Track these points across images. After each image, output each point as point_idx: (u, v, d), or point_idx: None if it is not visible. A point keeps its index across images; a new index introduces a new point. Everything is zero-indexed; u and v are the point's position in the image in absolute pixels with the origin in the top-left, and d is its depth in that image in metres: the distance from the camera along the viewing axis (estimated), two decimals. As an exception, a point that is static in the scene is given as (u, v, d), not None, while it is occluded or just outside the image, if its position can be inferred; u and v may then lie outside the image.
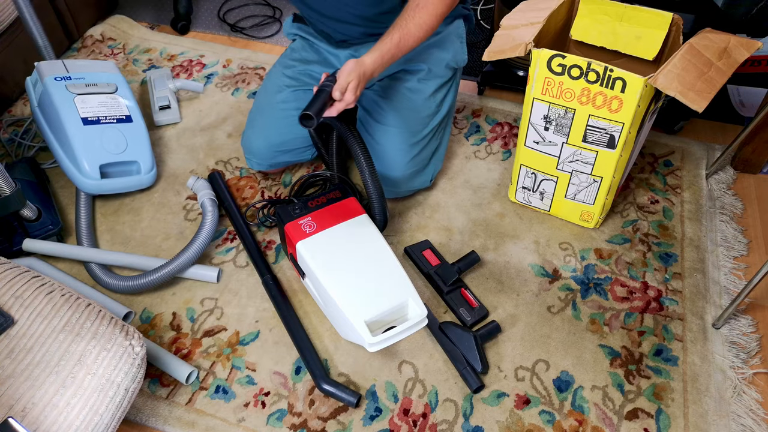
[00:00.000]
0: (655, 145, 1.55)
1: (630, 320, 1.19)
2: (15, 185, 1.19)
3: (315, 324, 1.18)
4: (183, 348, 1.15)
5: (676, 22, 1.17)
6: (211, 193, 1.34)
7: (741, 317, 1.19)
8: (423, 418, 1.05)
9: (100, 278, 1.23)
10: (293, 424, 1.04)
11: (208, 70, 1.79)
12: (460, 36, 1.36)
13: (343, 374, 1.11)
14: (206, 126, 1.61)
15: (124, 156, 1.36)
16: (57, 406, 0.84)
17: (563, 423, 1.05)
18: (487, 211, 1.39)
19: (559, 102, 1.15)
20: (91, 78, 1.44)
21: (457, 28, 1.35)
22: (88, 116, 1.36)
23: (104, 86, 1.44)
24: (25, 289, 0.93)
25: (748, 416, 1.05)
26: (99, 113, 1.38)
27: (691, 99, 1.00)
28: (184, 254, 1.21)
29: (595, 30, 1.23)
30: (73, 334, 0.89)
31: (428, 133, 1.34)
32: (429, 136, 1.34)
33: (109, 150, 1.34)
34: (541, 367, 1.12)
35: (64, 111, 1.34)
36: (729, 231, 1.35)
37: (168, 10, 2.04)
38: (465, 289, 1.21)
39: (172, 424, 1.05)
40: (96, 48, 1.87)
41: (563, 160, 1.24)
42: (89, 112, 1.37)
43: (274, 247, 1.32)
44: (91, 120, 1.36)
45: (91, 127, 1.35)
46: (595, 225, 1.34)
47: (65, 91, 1.37)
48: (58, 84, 1.38)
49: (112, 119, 1.38)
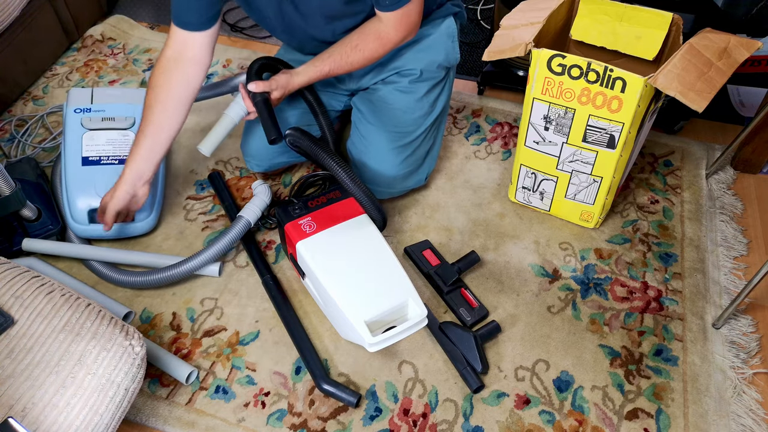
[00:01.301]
0: (655, 145, 1.55)
1: (630, 320, 1.19)
2: (15, 185, 1.19)
3: (315, 324, 1.18)
4: (183, 348, 1.15)
5: (676, 22, 1.17)
6: (261, 203, 1.30)
7: (741, 317, 1.19)
8: (423, 418, 1.05)
9: (117, 277, 1.23)
10: (293, 424, 1.04)
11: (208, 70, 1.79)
12: (451, 35, 1.33)
13: (343, 374, 1.11)
14: (206, 126, 1.61)
15: None
16: (57, 406, 0.84)
17: (563, 423, 1.05)
18: (487, 211, 1.39)
19: (559, 102, 1.15)
20: (111, 111, 1.37)
21: (448, 28, 1.32)
22: (90, 155, 1.31)
23: (121, 120, 1.36)
24: (25, 289, 0.93)
25: (748, 416, 1.05)
26: (102, 152, 1.31)
27: (691, 99, 1.00)
28: (208, 250, 1.21)
29: (595, 30, 1.23)
30: (73, 334, 0.89)
31: (422, 134, 1.33)
32: (423, 136, 1.33)
33: (100, 194, 1.24)
34: (541, 367, 1.12)
35: (69, 148, 1.31)
36: (729, 231, 1.35)
37: (168, 10, 2.04)
38: (465, 289, 1.21)
39: (172, 424, 1.05)
40: (96, 48, 1.87)
41: (563, 160, 1.24)
42: (92, 151, 1.31)
43: (274, 247, 1.32)
44: (92, 160, 1.30)
45: (90, 168, 1.29)
46: (595, 225, 1.34)
47: (78, 125, 1.33)
48: (75, 117, 1.34)
49: (114, 160, 1.31)
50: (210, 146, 1.25)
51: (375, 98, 1.33)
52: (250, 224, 1.25)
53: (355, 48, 1.18)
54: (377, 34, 1.17)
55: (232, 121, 1.25)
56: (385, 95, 1.32)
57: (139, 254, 1.27)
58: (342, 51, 1.19)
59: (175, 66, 1.19)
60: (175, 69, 1.19)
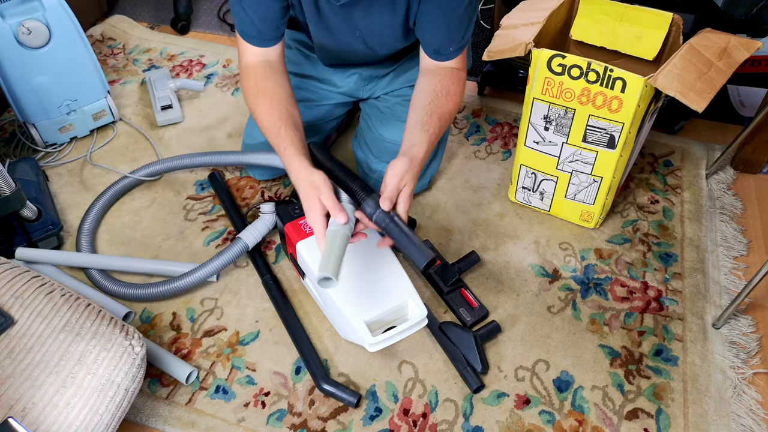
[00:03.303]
0: (655, 145, 1.55)
1: (630, 320, 1.19)
2: (15, 185, 1.19)
3: (315, 324, 1.18)
4: (183, 348, 1.15)
5: (676, 22, 1.17)
6: (264, 228, 1.27)
7: (741, 317, 1.19)
8: (423, 418, 1.05)
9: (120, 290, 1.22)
10: (293, 424, 1.04)
11: (208, 70, 1.79)
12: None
13: (343, 374, 1.11)
14: (206, 126, 1.61)
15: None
16: (57, 406, 0.84)
17: (563, 423, 1.05)
18: (487, 211, 1.39)
19: (559, 102, 1.15)
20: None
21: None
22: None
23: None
24: (25, 289, 0.93)
25: (748, 416, 1.05)
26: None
27: (691, 99, 1.00)
28: (216, 260, 1.20)
29: (595, 30, 1.23)
30: (73, 334, 0.89)
31: None
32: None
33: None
34: (541, 367, 1.12)
35: None
36: (729, 231, 1.35)
37: (168, 10, 2.04)
38: (465, 289, 1.21)
39: (172, 424, 1.05)
40: (96, 48, 1.87)
41: (563, 160, 1.24)
42: None
43: (274, 247, 1.32)
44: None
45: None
46: (595, 225, 1.34)
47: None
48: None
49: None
50: (336, 270, 0.90)
51: (384, 107, 1.33)
52: (248, 248, 1.24)
53: (447, 94, 1.06)
54: (455, 75, 1.10)
55: (346, 237, 0.93)
56: (392, 106, 1.32)
57: (136, 261, 1.25)
58: (437, 103, 1.04)
59: (270, 68, 1.11)
60: (272, 70, 1.11)
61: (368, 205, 0.93)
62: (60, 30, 1.40)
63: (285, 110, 1.05)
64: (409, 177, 0.93)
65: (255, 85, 1.08)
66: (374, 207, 0.92)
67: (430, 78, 1.09)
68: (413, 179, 0.94)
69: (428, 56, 1.11)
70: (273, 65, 1.11)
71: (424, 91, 1.07)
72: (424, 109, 1.03)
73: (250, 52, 1.11)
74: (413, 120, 1.03)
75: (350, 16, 1.08)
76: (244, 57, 1.12)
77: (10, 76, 1.38)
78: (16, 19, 1.34)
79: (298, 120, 1.07)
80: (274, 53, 1.11)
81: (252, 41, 1.09)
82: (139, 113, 1.65)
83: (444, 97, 1.05)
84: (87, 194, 1.42)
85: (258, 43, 1.09)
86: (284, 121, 1.04)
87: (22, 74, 1.39)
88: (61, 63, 1.43)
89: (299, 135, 1.04)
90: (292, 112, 1.06)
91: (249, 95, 1.09)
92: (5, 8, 1.35)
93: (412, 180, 0.93)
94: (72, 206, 1.40)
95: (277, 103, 1.06)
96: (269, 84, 1.08)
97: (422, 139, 0.99)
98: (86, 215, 1.33)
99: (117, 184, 1.40)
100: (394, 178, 0.92)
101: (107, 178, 1.45)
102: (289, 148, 1.00)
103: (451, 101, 1.06)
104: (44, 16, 1.37)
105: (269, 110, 1.05)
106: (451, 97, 1.06)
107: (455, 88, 1.08)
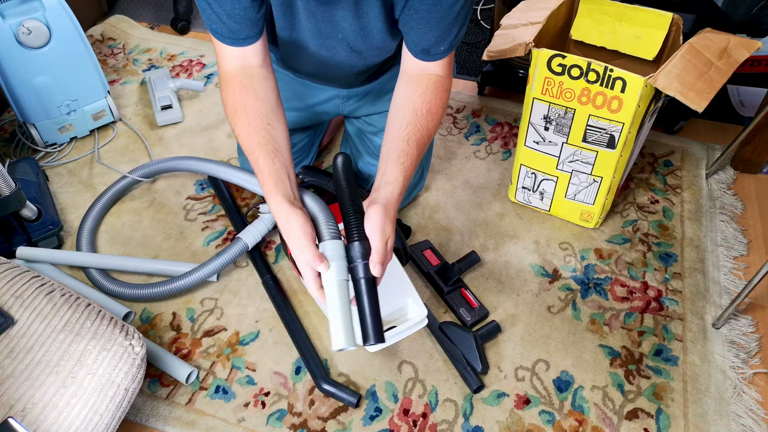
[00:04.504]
0: (655, 145, 1.55)
1: (630, 320, 1.19)
2: (15, 185, 1.19)
3: (315, 324, 1.18)
4: (183, 348, 1.15)
5: (676, 22, 1.17)
6: (264, 228, 1.26)
7: (741, 317, 1.19)
8: (423, 418, 1.05)
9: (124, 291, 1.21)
10: (293, 424, 1.04)
11: (208, 70, 1.79)
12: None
13: (343, 374, 1.11)
14: (206, 126, 1.61)
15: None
16: (57, 406, 0.84)
17: (563, 423, 1.05)
18: (487, 211, 1.39)
19: (559, 102, 1.15)
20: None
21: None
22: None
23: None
24: (25, 289, 0.93)
25: (748, 416, 1.05)
26: None
27: (691, 99, 1.00)
28: (217, 259, 1.20)
29: (595, 30, 1.23)
30: (73, 334, 0.90)
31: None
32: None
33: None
34: (541, 367, 1.12)
35: None
36: (729, 231, 1.35)
37: (168, 10, 2.04)
38: (465, 289, 1.21)
39: (172, 424, 1.05)
40: (96, 48, 1.87)
41: (563, 160, 1.24)
42: None
43: (274, 247, 1.32)
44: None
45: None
46: (595, 225, 1.34)
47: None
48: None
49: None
50: (350, 337, 0.84)
51: (366, 129, 1.32)
52: (248, 248, 1.23)
53: (428, 114, 0.96)
54: (439, 86, 0.98)
55: (344, 286, 0.86)
56: (376, 131, 1.30)
57: (136, 261, 1.26)
58: (417, 126, 0.95)
59: (250, 76, 0.98)
60: (252, 78, 0.98)
61: (354, 249, 0.84)
62: (60, 30, 1.41)
63: (264, 133, 0.94)
64: (390, 228, 0.86)
65: (233, 101, 0.96)
66: (359, 256, 0.84)
67: (410, 91, 0.98)
68: (393, 228, 0.87)
69: (414, 56, 0.98)
70: (253, 71, 0.98)
71: (402, 108, 0.96)
72: (401, 135, 0.94)
73: (227, 55, 0.98)
74: (388, 146, 0.94)
75: (331, 16, 0.96)
76: (222, 62, 0.99)
77: (10, 76, 1.38)
78: (16, 19, 1.34)
79: (281, 141, 0.95)
80: (253, 54, 0.98)
81: (225, 40, 0.95)
82: (139, 113, 1.65)
83: (424, 117, 0.96)
84: (87, 194, 1.42)
85: (232, 42, 0.96)
86: (264, 147, 0.92)
87: (22, 74, 1.39)
88: (61, 63, 1.44)
89: (280, 162, 0.92)
90: (273, 134, 0.94)
91: (228, 112, 0.98)
92: (5, 8, 1.35)
93: (392, 231, 0.87)
94: (72, 206, 1.40)
95: (255, 123, 0.94)
96: (248, 99, 0.96)
97: (397, 176, 0.91)
98: (86, 215, 1.33)
99: (117, 184, 1.40)
100: (377, 234, 0.84)
101: (107, 178, 1.45)
102: (267, 184, 0.90)
103: (432, 121, 0.97)
104: (44, 16, 1.37)
105: (248, 133, 0.94)
106: (432, 115, 0.97)
107: (438, 104, 0.97)
